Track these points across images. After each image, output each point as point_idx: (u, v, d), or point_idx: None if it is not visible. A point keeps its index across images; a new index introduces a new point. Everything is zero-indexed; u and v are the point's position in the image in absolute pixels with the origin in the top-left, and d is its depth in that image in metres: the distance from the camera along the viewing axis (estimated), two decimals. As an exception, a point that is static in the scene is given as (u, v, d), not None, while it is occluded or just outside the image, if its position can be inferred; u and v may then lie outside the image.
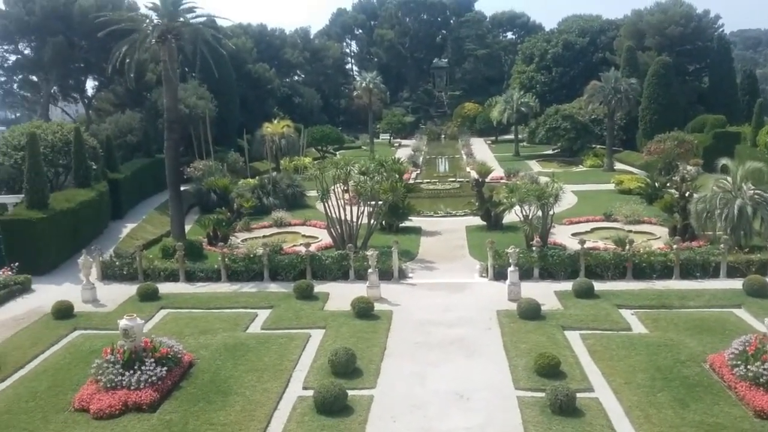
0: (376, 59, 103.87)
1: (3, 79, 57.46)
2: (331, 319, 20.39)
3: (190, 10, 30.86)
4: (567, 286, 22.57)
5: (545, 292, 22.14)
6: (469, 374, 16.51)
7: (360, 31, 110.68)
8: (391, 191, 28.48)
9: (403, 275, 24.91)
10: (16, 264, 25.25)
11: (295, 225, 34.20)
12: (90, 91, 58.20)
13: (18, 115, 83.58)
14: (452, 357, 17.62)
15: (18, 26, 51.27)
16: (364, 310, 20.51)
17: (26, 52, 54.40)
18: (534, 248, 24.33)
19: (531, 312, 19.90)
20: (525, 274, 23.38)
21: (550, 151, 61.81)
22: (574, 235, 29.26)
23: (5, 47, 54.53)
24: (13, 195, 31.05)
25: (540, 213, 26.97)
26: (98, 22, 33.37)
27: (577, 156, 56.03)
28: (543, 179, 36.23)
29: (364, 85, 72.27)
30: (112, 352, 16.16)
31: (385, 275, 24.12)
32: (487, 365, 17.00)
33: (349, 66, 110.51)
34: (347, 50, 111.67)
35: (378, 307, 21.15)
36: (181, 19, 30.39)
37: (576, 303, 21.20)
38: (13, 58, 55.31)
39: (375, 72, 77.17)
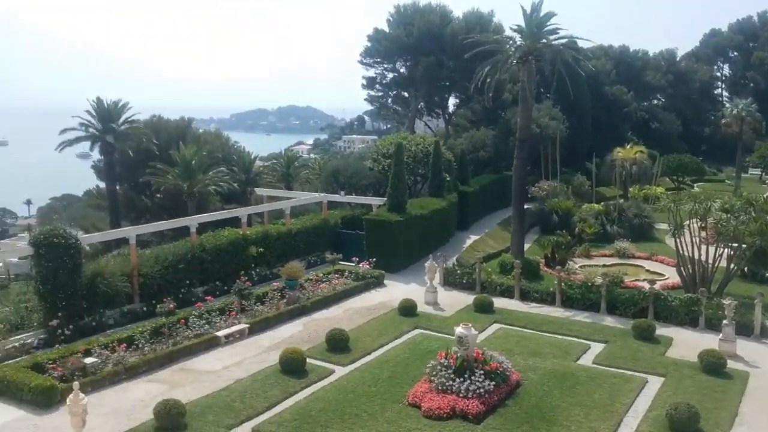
0: (752, 84, 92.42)
1: (380, 94, 65.03)
2: (673, 368, 18.44)
3: (554, 31, 31.00)
4: None
5: None
6: None
7: (735, 53, 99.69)
8: (759, 235, 24.77)
9: (765, 333, 21.41)
10: (374, 259, 28.17)
11: (638, 258, 32.01)
12: (451, 108, 62.68)
13: (389, 126, 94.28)
14: (827, 444, 14.51)
15: (398, 47, 57.78)
16: (713, 366, 18.10)
17: (402, 70, 60.82)
18: None
19: None
20: None
21: None
22: None
23: (385, 66, 61.76)
24: (377, 197, 34.82)
25: None
26: (466, 43, 35.56)
27: None
28: None
29: (735, 112, 64.59)
30: (446, 356, 16.89)
31: (743, 330, 20.98)
32: None
33: (718, 91, 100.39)
34: (717, 74, 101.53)
35: (731, 364, 18.50)
36: (544, 40, 30.69)
37: None
38: (390, 75, 62.35)
39: (749, 99, 68.56)
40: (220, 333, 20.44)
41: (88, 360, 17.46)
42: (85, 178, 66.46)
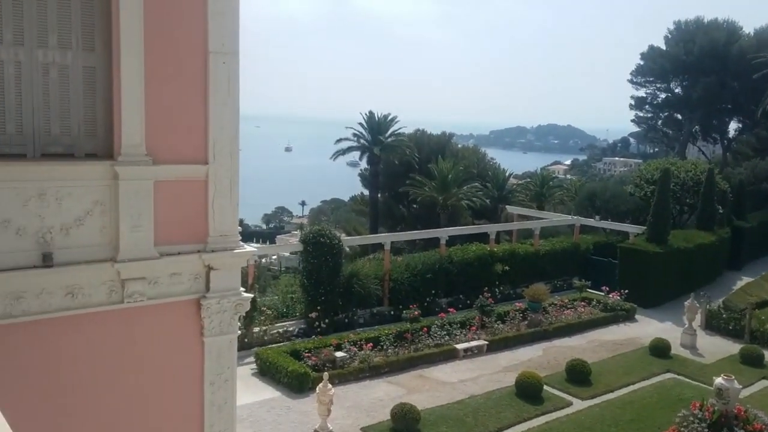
0: None
1: (650, 115, 61.14)
2: None
3: None
4: None
5: None
6: None
7: None
8: None
9: None
10: (626, 291, 26.41)
11: None
12: (731, 133, 56.78)
13: (656, 150, 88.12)
14: None
15: (674, 66, 53.98)
16: None
17: (676, 90, 56.62)
18: None
19: None
20: None
21: None
22: None
23: (658, 85, 57.99)
24: (635, 225, 32.63)
25: None
26: (755, 62, 31.95)
27: None
28: None
29: None
30: (700, 407, 15.19)
31: None
32: None
33: None
34: None
35: None
36: None
37: None
38: (663, 96, 58.38)
39: None
40: (459, 346, 20.71)
41: (339, 354, 18.83)
42: (352, 185, 72.39)
